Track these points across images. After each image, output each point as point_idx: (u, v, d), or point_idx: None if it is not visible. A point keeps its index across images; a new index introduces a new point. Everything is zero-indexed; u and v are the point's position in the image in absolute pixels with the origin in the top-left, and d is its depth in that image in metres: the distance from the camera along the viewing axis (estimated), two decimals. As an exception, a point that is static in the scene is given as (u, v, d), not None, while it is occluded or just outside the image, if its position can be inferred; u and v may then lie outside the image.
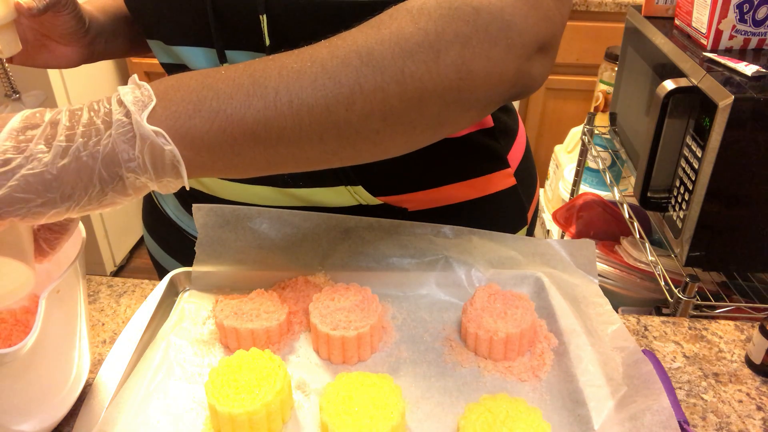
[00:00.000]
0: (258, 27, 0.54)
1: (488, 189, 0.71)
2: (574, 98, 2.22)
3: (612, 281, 1.22)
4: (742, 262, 0.84)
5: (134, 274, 2.38)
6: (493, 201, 0.72)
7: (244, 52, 0.57)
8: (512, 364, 0.59)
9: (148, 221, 0.84)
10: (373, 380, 0.53)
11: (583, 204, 1.45)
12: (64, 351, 0.50)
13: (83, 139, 0.39)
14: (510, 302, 0.62)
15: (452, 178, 0.68)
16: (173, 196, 0.76)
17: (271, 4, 0.53)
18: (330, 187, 0.65)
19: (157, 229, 0.81)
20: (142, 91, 0.42)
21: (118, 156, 0.40)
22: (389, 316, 0.65)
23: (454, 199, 0.69)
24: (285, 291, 0.66)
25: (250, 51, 0.57)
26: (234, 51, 0.57)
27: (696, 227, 0.79)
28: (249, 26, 0.54)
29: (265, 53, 0.55)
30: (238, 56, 0.57)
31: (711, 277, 0.99)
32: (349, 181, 0.64)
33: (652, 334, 0.67)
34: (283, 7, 0.53)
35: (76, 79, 1.92)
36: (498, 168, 0.71)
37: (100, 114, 0.41)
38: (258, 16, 0.53)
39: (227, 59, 0.57)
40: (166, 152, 0.41)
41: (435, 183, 0.68)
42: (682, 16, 1.03)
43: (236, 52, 0.57)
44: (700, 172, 0.78)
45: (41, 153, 0.38)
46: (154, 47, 0.64)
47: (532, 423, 0.50)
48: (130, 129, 0.40)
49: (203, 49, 0.58)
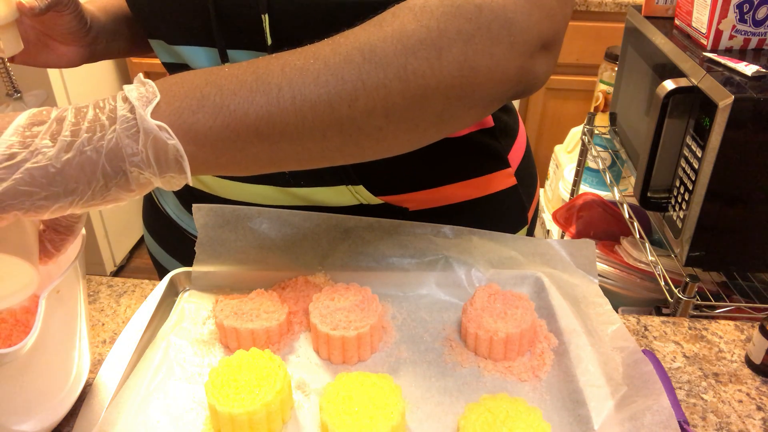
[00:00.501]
0: (260, 26, 0.54)
1: (489, 189, 0.71)
2: (574, 98, 2.22)
3: (612, 281, 1.22)
4: (742, 262, 0.84)
5: (134, 274, 2.39)
6: (494, 201, 0.72)
7: (246, 52, 0.57)
8: (512, 364, 0.59)
9: (148, 221, 0.84)
10: (373, 380, 0.53)
11: (583, 204, 1.45)
12: (64, 351, 0.50)
13: (88, 134, 0.40)
14: (510, 302, 0.62)
15: (453, 177, 0.68)
16: (173, 195, 0.76)
17: (272, 3, 0.53)
18: (331, 186, 0.65)
19: (158, 228, 0.81)
20: (147, 88, 0.42)
21: (122, 150, 0.40)
22: (389, 316, 0.65)
23: (455, 198, 0.69)
24: (285, 291, 0.66)
25: (252, 50, 0.57)
26: (236, 50, 0.57)
27: (696, 227, 0.79)
28: (251, 26, 0.54)
29: (267, 53, 0.55)
30: (239, 56, 0.57)
31: (711, 277, 0.99)
32: (350, 181, 0.64)
33: (652, 334, 0.67)
34: (285, 6, 0.53)
35: (77, 78, 1.92)
36: (498, 168, 0.71)
37: (105, 111, 0.41)
38: (260, 15, 0.53)
39: (229, 59, 0.57)
40: (169, 147, 0.41)
41: (436, 183, 0.68)
42: (682, 16, 1.03)
43: (238, 51, 0.57)
44: (700, 172, 0.78)
45: (46, 147, 0.39)
46: (156, 47, 0.64)
47: (532, 423, 0.50)
48: (134, 124, 0.40)
49: (205, 48, 0.58)
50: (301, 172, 0.64)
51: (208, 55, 0.59)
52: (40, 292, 0.46)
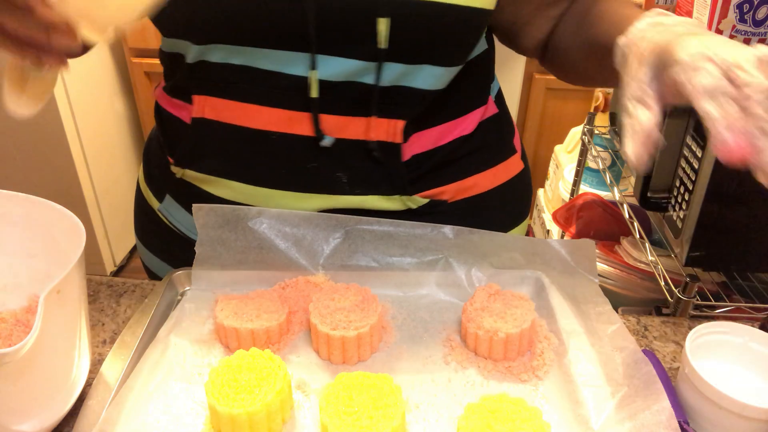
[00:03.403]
0: (369, 31, 0.53)
1: (506, 175, 0.73)
2: (574, 98, 2.22)
3: (612, 281, 1.22)
4: (742, 262, 0.84)
5: (134, 274, 2.38)
6: (511, 186, 0.74)
7: (338, 59, 0.56)
8: (512, 364, 0.59)
9: (142, 234, 0.81)
10: (373, 380, 0.53)
11: (583, 204, 1.45)
12: (64, 351, 0.50)
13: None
14: (510, 302, 0.62)
15: (477, 167, 0.70)
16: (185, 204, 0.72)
17: (393, 6, 0.52)
18: (385, 195, 0.66)
19: (153, 240, 0.79)
20: None
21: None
22: (389, 316, 0.65)
23: (480, 188, 0.71)
24: (285, 291, 0.66)
25: (344, 57, 0.56)
26: (328, 56, 0.56)
27: (696, 227, 0.79)
28: (358, 30, 0.54)
29: (365, 60, 0.55)
30: (330, 61, 0.56)
31: (711, 277, 0.99)
32: (404, 191, 0.65)
33: (652, 334, 0.67)
34: (403, 9, 0.53)
35: (77, 79, 1.92)
36: (510, 154, 0.74)
37: None
38: (374, 20, 0.53)
39: (317, 65, 0.56)
40: None
41: (465, 173, 0.69)
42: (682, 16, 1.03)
43: (330, 57, 0.56)
44: (700, 172, 0.78)
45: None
46: (213, 50, 0.59)
47: (532, 423, 0.50)
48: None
49: (295, 53, 0.57)
50: (358, 181, 0.64)
51: (298, 60, 0.57)
52: (40, 293, 0.46)
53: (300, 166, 0.63)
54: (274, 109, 0.60)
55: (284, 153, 0.62)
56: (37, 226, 0.58)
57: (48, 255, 0.59)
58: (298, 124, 0.61)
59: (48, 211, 0.57)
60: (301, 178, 0.64)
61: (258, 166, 0.64)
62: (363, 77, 0.58)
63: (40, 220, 0.58)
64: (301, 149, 0.62)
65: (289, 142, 0.62)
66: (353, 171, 0.63)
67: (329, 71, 0.57)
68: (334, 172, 0.63)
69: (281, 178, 0.64)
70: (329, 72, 0.57)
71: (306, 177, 0.64)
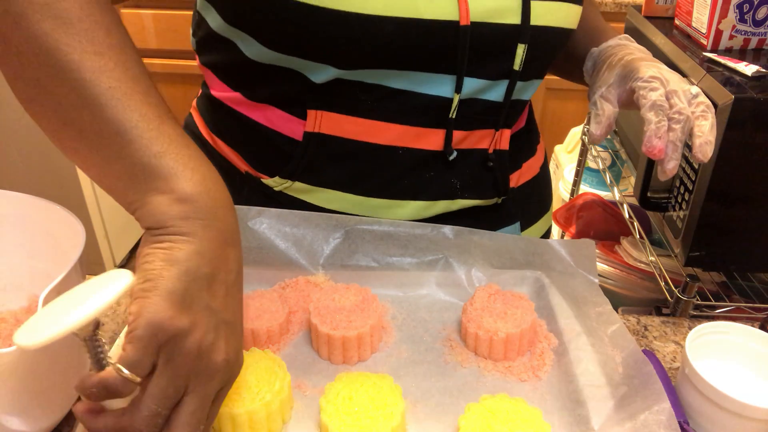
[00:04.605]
0: (508, 55, 0.59)
1: (539, 163, 0.78)
2: (574, 98, 2.22)
3: (612, 281, 1.22)
4: (742, 262, 0.84)
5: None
6: (543, 174, 0.79)
7: (473, 79, 0.60)
8: (512, 364, 0.59)
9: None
10: (373, 380, 0.53)
11: (583, 204, 1.45)
12: (64, 351, 0.50)
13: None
14: (510, 302, 0.62)
15: (526, 154, 0.75)
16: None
17: (533, 33, 0.59)
18: (486, 199, 0.68)
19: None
20: None
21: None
22: (389, 316, 0.65)
23: (527, 177, 0.75)
24: (285, 291, 0.66)
25: (479, 78, 0.60)
26: (467, 78, 0.60)
27: (696, 227, 0.79)
28: (499, 55, 0.59)
29: (495, 79, 0.61)
30: (466, 82, 0.60)
31: (711, 277, 0.99)
32: (506, 193, 0.70)
33: (652, 334, 0.67)
34: (540, 36, 0.59)
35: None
36: (537, 142, 0.78)
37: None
38: (515, 45, 0.59)
39: (463, 85, 0.60)
40: None
41: (523, 161, 0.74)
42: (682, 17, 1.03)
43: (468, 78, 0.60)
44: (700, 172, 0.78)
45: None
46: (354, 72, 0.59)
47: (532, 423, 0.50)
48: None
49: (437, 75, 0.59)
50: (470, 185, 0.67)
51: (438, 81, 0.59)
52: (40, 292, 0.46)
53: (419, 177, 0.64)
54: (403, 126, 0.62)
55: (407, 166, 0.64)
56: (37, 226, 0.58)
57: (48, 255, 0.59)
58: (425, 138, 0.63)
59: (48, 211, 0.57)
60: (420, 188, 0.65)
61: (377, 178, 0.64)
62: (486, 94, 0.62)
63: (40, 220, 0.58)
64: (424, 162, 0.64)
65: (414, 157, 0.63)
66: (465, 177, 0.66)
67: (464, 91, 0.60)
68: (449, 179, 0.65)
69: (400, 189, 0.65)
70: (464, 91, 0.60)
71: (425, 186, 0.65)
